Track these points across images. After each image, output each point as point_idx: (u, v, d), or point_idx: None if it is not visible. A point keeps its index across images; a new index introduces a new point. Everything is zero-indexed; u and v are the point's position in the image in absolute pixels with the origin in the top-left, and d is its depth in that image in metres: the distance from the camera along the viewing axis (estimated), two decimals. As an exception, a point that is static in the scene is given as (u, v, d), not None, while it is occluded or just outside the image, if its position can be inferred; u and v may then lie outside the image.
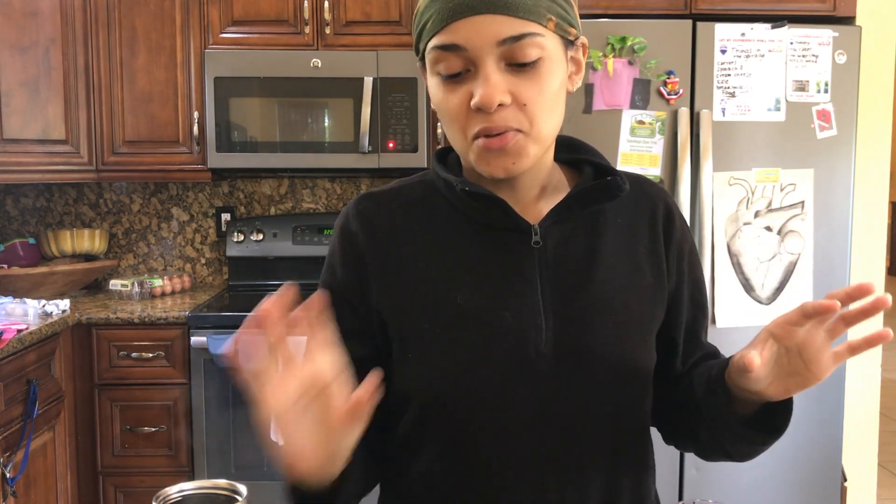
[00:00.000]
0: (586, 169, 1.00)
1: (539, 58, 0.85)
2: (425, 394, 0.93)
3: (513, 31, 0.83)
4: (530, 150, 0.88)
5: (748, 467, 2.56)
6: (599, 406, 0.93)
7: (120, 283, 3.09)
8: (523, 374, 0.91)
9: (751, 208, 2.50)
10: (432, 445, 0.94)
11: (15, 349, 2.29)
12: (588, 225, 0.97)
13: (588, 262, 0.95)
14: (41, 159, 2.93)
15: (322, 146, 2.98)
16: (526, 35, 0.84)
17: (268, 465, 2.74)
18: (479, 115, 0.86)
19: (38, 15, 2.88)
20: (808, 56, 2.49)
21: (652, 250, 1.00)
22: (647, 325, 0.98)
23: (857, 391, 2.84)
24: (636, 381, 0.96)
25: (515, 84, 0.85)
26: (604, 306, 0.94)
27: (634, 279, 0.97)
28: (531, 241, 0.94)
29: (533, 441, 0.91)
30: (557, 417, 0.91)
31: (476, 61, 0.85)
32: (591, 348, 0.92)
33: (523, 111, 0.86)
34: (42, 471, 2.50)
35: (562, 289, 0.93)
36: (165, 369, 2.74)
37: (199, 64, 2.98)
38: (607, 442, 0.94)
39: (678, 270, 1.02)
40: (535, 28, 0.84)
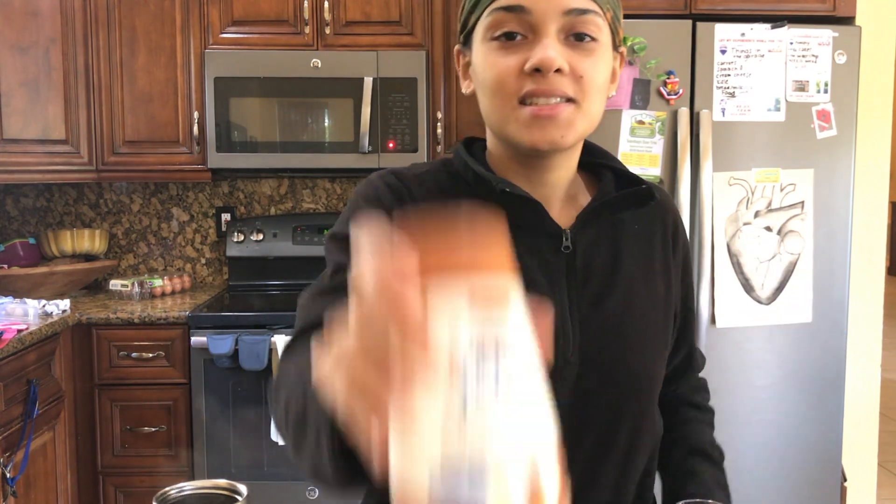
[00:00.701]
0: (607, 174, 1.00)
1: (597, 38, 0.87)
2: None
3: (579, 4, 0.85)
4: (578, 125, 0.87)
5: (748, 467, 2.56)
6: (620, 416, 0.93)
7: (120, 284, 3.09)
8: (550, 382, 0.90)
9: (751, 208, 2.50)
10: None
11: (15, 349, 2.29)
12: (610, 232, 0.97)
13: (611, 269, 0.95)
14: (41, 159, 2.93)
15: (322, 146, 2.98)
16: (590, 11, 0.85)
17: (268, 466, 2.74)
18: (532, 77, 0.84)
19: (39, 15, 2.88)
20: (807, 56, 2.49)
21: (664, 259, 1.01)
22: (663, 334, 0.99)
23: (857, 391, 2.84)
24: (654, 389, 0.97)
25: (573, 56, 0.85)
26: (625, 315, 0.94)
27: (651, 289, 0.98)
28: (561, 245, 0.93)
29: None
30: (578, 426, 0.91)
31: (538, 27, 0.85)
32: (615, 358, 0.92)
33: (579, 83, 0.86)
34: (42, 471, 2.50)
35: (587, 296, 0.93)
36: (165, 369, 2.74)
37: (199, 64, 2.98)
38: (622, 450, 0.95)
39: (682, 280, 1.04)
40: (598, 10, 0.86)
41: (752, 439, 2.56)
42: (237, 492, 0.77)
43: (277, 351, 2.62)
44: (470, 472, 0.42)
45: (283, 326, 2.69)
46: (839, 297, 2.56)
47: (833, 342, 2.57)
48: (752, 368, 2.54)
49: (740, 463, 2.53)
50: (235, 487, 0.77)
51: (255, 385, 2.71)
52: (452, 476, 0.42)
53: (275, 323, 2.70)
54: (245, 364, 2.63)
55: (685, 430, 1.08)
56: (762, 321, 2.52)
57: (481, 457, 0.42)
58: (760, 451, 2.57)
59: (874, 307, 2.84)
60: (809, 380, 2.57)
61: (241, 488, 0.77)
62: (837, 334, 2.57)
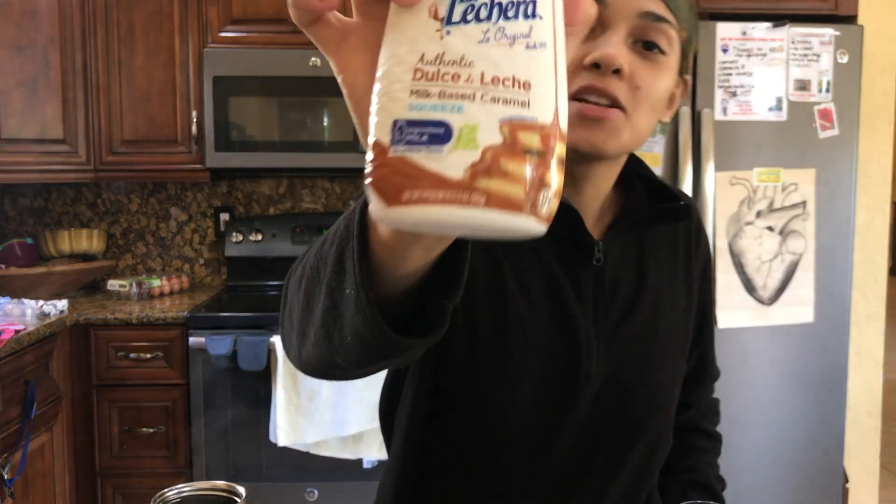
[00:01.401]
0: (636, 183, 0.96)
1: (665, 52, 0.83)
2: (467, 394, 0.88)
3: (657, 10, 0.81)
4: (623, 136, 0.82)
5: (749, 468, 2.55)
6: (636, 433, 0.92)
7: (118, 284, 3.08)
8: (570, 399, 0.89)
9: (752, 208, 2.49)
10: (457, 451, 0.91)
11: (13, 350, 2.28)
12: (637, 244, 0.94)
13: (637, 285, 0.93)
14: (39, 159, 2.91)
15: (321, 146, 2.97)
16: (667, 20, 0.82)
17: (266, 467, 2.73)
18: (588, 73, 0.80)
19: (37, 14, 2.87)
20: (809, 55, 2.48)
21: (686, 269, 0.99)
22: (683, 349, 0.98)
23: (859, 392, 2.83)
24: (671, 406, 0.96)
25: (636, 64, 0.82)
26: (649, 333, 0.92)
27: (674, 302, 0.96)
28: (592, 258, 0.90)
29: (564, 460, 0.90)
30: (593, 444, 0.91)
31: (608, 22, 0.81)
32: (636, 376, 0.91)
33: (634, 93, 0.81)
34: (40, 472, 2.49)
35: (613, 312, 0.91)
36: (164, 370, 2.73)
37: (198, 63, 2.97)
38: (636, 465, 0.94)
39: (701, 289, 1.02)
40: (674, 23, 0.82)
41: (753, 440, 2.55)
42: (236, 493, 0.76)
43: (276, 351, 2.61)
44: (439, 109, 0.38)
45: (283, 327, 2.68)
46: (841, 297, 2.55)
47: (835, 342, 2.56)
48: (753, 369, 2.53)
49: (741, 464, 2.52)
50: (234, 489, 0.76)
51: (254, 386, 2.70)
52: (419, 113, 0.39)
53: (274, 323, 2.69)
54: (244, 365, 2.62)
55: (692, 461, 1.07)
56: (764, 321, 2.51)
57: (455, 91, 0.38)
58: (762, 451, 2.56)
59: (876, 307, 2.83)
60: (811, 380, 2.56)
61: (239, 490, 0.76)
62: (839, 335, 2.56)
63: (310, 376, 0.68)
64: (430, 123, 0.38)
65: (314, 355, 0.62)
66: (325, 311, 0.57)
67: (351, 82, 0.45)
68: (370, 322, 0.51)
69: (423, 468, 0.92)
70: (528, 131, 0.38)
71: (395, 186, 0.39)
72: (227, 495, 0.76)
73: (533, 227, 0.40)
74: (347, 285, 0.53)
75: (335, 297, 0.55)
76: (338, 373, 0.63)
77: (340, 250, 0.54)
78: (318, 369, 0.65)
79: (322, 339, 0.59)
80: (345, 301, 0.54)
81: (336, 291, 0.55)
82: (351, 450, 2.66)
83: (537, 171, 0.39)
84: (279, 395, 2.62)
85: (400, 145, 0.39)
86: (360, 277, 0.51)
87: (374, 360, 0.57)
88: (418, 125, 0.38)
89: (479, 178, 0.38)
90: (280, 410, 2.62)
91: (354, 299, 0.52)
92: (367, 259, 0.51)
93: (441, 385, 0.89)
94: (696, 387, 1.11)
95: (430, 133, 0.38)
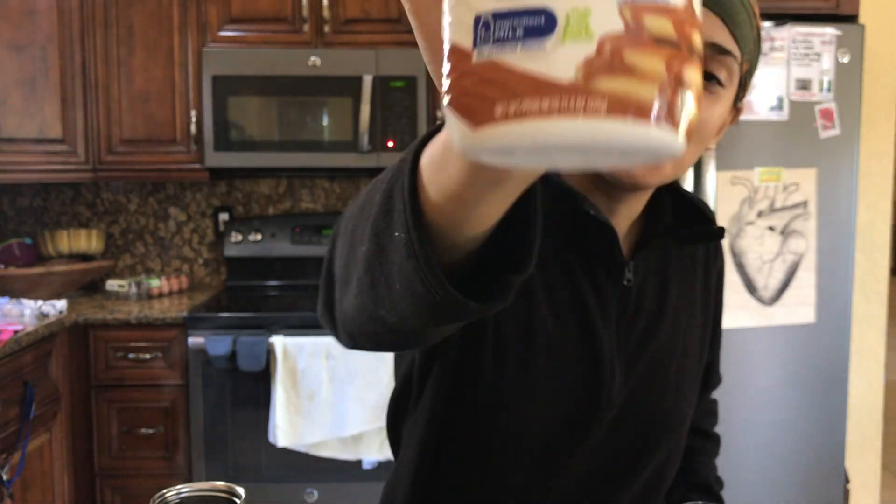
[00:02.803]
0: (665, 198, 0.93)
1: (724, 85, 0.80)
2: (490, 403, 0.86)
3: (723, 42, 0.78)
4: (667, 169, 0.80)
5: (750, 468, 2.55)
6: (650, 453, 0.92)
7: (117, 284, 3.07)
8: (590, 419, 0.88)
9: (753, 208, 2.49)
10: (475, 460, 0.89)
11: (11, 350, 2.27)
12: (661, 259, 0.93)
13: (658, 304, 0.91)
14: (38, 159, 2.91)
15: (321, 145, 2.96)
16: (731, 54, 0.78)
17: (266, 468, 2.72)
18: None
19: (35, 14, 2.86)
20: (810, 55, 2.47)
21: (704, 284, 0.98)
22: (699, 366, 0.98)
23: (861, 393, 2.83)
24: (685, 426, 0.96)
25: None
26: (668, 354, 0.92)
27: (692, 319, 0.95)
28: (622, 278, 0.87)
29: (577, 479, 0.90)
30: (608, 460, 0.90)
31: None
32: (656, 398, 0.91)
33: None
34: (39, 473, 2.49)
35: (636, 334, 0.89)
36: (163, 370, 2.72)
37: (197, 62, 2.96)
38: (646, 483, 0.94)
39: (715, 302, 1.02)
40: (738, 55, 0.79)
41: (754, 440, 2.54)
42: (235, 494, 0.76)
43: (276, 352, 2.61)
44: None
45: (282, 327, 2.67)
46: (842, 297, 2.54)
47: (836, 343, 2.56)
48: (754, 369, 2.52)
49: (742, 464, 2.52)
50: (233, 490, 0.76)
51: (254, 386, 2.69)
52: (508, 0, 0.30)
53: (273, 324, 2.68)
54: (243, 365, 2.61)
55: (692, 462, 1.07)
56: (765, 321, 2.51)
57: None
58: (763, 452, 2.56)
59: (878, 308, 2.82)
60: (812, 381, 2.56)
61: (239, 491, 0.76)
62: (840, 335, 2.56)
63: (347, 338, 0.61)
64: (526, 13, 0.29)
65: (355, 305, 0.55)
66: (371, 255, 0.51)
67: None
68: (423, 268, 0.45)
69: (438, 476, 0.91)
70: (657, 14, 0.29)
71: (483, 100, 0.30)
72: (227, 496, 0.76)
73: (670, 141, 0.30)
74: (396, 227, 0.46)
75: (382, 241, 0.49)
76: (379, 330, 0.55)
77: (390, 187, 0.48)
78: (358, 322, 0.57)
79: (366, 287, 0.52)
80: (393, 244, 0.47)
81: (383, 234, 0.48)
82: (350, 450, 2.66)
83: (673, 67, 0.29)
84: (278, 395, 2.61)
85: (487, 46, 0.30)
86: (412, 220, 0.45)
87: (421, 316, 0.50)
88: (510, 16, 0.30)
89: (597, 77, 0.29)
90: (279, 411, 2.61)
91: (405, 242, 0.46)
92: (419, 197, 0.45)
93: (462, 394, 0.87)
94: (699, 392, 1.11)
95: (527, 24, 0.29)
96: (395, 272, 0.48)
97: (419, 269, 0.45)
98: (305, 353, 2.62)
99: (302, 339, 2.63)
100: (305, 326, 2.67)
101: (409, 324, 0.52)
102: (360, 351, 0.63)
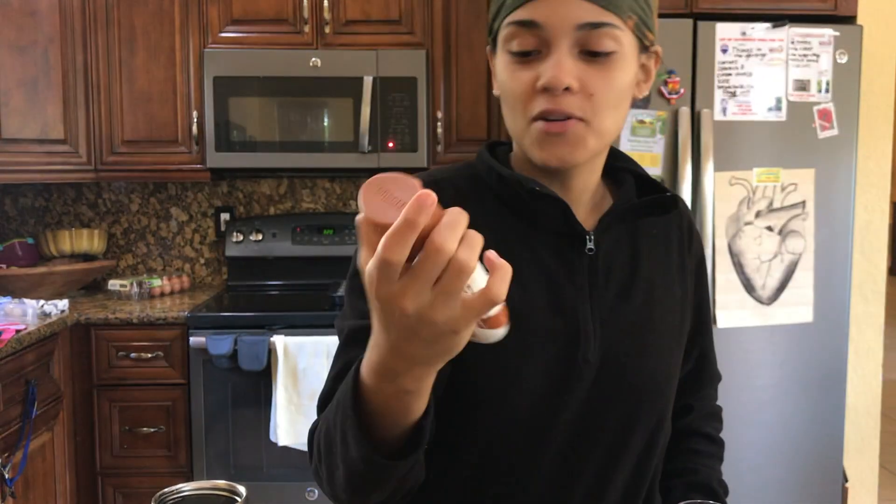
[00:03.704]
0: (627, 178, 0.99)
1: (613, 51, 0.84)
2: (469, 387, 0.90)
3: (592, 18, 0.82)
4: (589, 143, 0.86)
5: (749, 468, 2.55)
6: (636, 417, 0.93)
7: (119, 284, 3.08)
8: (569, 381, 0.90)
9: (752, 208, 2.49)
10: (463, 442, 0.92)
11: (13, 349, 2.28)
12: (629, 235, 0.97)
13: (631, 272, 0.95)
14: (40, 159, 2.92)
15: (321, 146, 2.97)
16: (605, 24, 0.83)
17: (267, 466, 2.73)
18: (543, 96, 0.84)
19: (37, 14, 2.87)
20: (809, 55, 2.48)
21: (680, 264, 1.01)
22: (679, 338, 0.99)
23: (858, 392, 2.83)
24: (670, 391, 0.97)
25: (586, 72, 0.84)
26: (645, 317, 0.94)
27: (668, 291, 0.98)
28: (585, 247, 0.92)
29: (567, 448, 0.91)
30: (595, 427, 0.92)
31: (550, 42, 0.83)
32: (633, 359, 0.93)
33: (589, 101, 0.84)
34: (41, 471, 2.50)
35: (609, 298, 0.93)
36: (164, 370, 2.73)
37: (199, 63, 2.98)
38: (637, 451, 0.95)
39: (696, 289, 1.04)
40: (615, 21, 0.84)
41: (752, 440, 2.55)
42: (236, 493, 0.76)
43: (276, 351, 2.62)
44: None
45: (283, 326, 2.69)
46: (840, 297, 2.55)
47: (834, 342, 2.56)
48: (752, 368, 2.53)
49: (741, 463, 2.53)
50: (234, 488, 0.77)
51: (254, 386, 2.70)
52: None
53: (274, 323, 2.70)
54: (244, 364, 2.62)
55: (693, 464, 1.07)
56: (763, 321, 2.52)
57: None
58: (761, 451, 2.57)
59: (875, 307, 2.83)
60: (810, 380, 2.56)
61: (240, 489, 0.77)
62: (839, 334, 2.56)
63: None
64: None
65: (343, 485, 0.76)
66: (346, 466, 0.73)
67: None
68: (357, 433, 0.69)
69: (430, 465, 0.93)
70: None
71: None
72: (228, 495, 0.76)
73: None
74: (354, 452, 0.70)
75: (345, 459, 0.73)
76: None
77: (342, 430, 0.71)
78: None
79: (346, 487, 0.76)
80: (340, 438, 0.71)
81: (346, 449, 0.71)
82: (351, 449, 2.66)
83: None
84: (279, 394, 2.62)
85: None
86: (352, 412, 0.69)
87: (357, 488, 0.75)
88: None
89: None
90: (280, 410, 2.62)
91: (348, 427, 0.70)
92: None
93: (446, 381, 0.90)
94: (697, 389, 1.11)
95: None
96: (358, 460, 0.70)
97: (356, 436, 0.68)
98: (306, 352, 2.63)
99: (303, 339, 2.64)
100: (306, 326, 2.68)
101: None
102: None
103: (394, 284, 0.53)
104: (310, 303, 2.93)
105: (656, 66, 0.93)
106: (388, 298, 0.54)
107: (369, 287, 0.54)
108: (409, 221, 0.50)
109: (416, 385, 0.63)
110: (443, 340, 0.56)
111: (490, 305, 0.54)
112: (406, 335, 0.57)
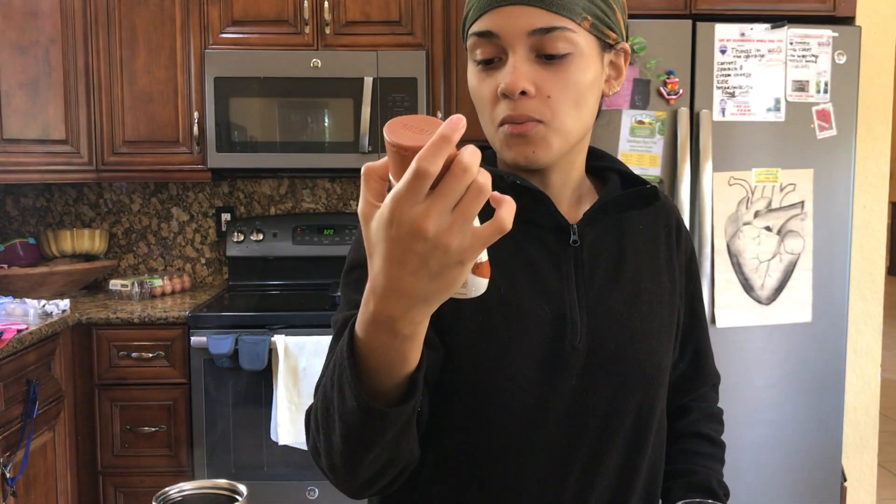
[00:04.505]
0: (612, 176, 1.02)
1: (568, 53, 0.87)
2: (460, 376, 0.91)
3: (543, 24, 0.86)
4: (552, 142, 0.90)
5: (748, 468, 2.56)
6: (625, 404, 0.94)
7: (120, 283, 3.09)
8: (557, 368, 0.92)
9: (751, 208, 2.50)
10: (454, 431, 0.93)
11: (15, 349, 2.29)
12: (616, 229, 1.00)
13: (617, 264, 0.97)
14: (41, 159, 2.93)
15: (322, 146, 2.98)
16: (556, 28, 0.86)
17: (268, 466, 2.74)
18: (505, 102, 0.88)
19: (38, 15, 2.88)
20: (807, 56, 2.49)
21: (668, 258, 1.03)
22: (668, 328, 1.00)
23: (857, 391, 2.84)
24: (659, 379, 0.98)
25: (542, 76, 0.87)
26: (632, 306, 0.96)
27: (656, 284, 1.00)
28: (569, 239, 0.95)
29: (558, 435, 0.92)
30: (584, 414, 0.93)
31: (507, 49, 0.87)
32: (621, 347, 0.94)
33: (546, 103, 0.88)
34: (42, 471, 2.50)
35: (595, 287, 0.95)
36: (165, 369, 2.74)
37: (199, 64, 2.98)
38: (627, 438, 0.96)
39: (686, 284, 1.06)
40: (567, 24, 0.87)
41: (751, 439, 2.56)
42: (237, 492, 0.77)
43: (277, 351, 2.62)
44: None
45: (283, 326, 2.69)
46: (839, 297, 2.56)
47: (833, 342, 2.57)
48: (751, 368, 2.54)
49: (740, 463, 2.53)
50: (235, 487, 0.77)
51: (255, 385, 2.71)
52: None
53: (275, 323, 2.70)
54: (245, 364, 2.63)
55: (693, 465, 1.07)
56: (762, 321, 2.52)
57: None
58: (760, 451, 2.57)
59: (874, 307, 2.84)
60: (809, 380, 2.57)
61: (241, 488, 0.77)
62: (837, 334, 2.57)
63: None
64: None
65: (337, 454, 0.77)
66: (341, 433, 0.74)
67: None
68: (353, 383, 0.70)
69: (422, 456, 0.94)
70: None
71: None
72: (229, 494, 0.77)
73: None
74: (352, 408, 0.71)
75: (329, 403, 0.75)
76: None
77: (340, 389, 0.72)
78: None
79: (339, 459, 0.77)
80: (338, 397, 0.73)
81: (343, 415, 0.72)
82: (351, 449, 2.67)
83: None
84: (280, 394, 2.63)
85: None
86: (349, 362, 0.69)
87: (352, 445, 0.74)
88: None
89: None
90: (281, 409, 2.63)
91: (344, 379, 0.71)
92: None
93: (441, 378, 0.92)
94: (694, 387, 1.12)
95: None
96: (355, 422, 0.71)
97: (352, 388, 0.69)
98: (306, 352, 2.64)
99: (303, 339, 2.65)
100: (307, 326, 2.69)
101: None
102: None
103: (418, 205, 0.54)
104: (310, 303, 2.93)
105: (626, 61, 0.96)
106: (410, 219, 0.55)
107: (391, 212, 0.55)
108: (446, 137, 0.53)
109: (412, 329, 0.64)
110: (447, 273, 0.58)
111: (498, 234, 0.57)
112: (414, 266, 0.57)
